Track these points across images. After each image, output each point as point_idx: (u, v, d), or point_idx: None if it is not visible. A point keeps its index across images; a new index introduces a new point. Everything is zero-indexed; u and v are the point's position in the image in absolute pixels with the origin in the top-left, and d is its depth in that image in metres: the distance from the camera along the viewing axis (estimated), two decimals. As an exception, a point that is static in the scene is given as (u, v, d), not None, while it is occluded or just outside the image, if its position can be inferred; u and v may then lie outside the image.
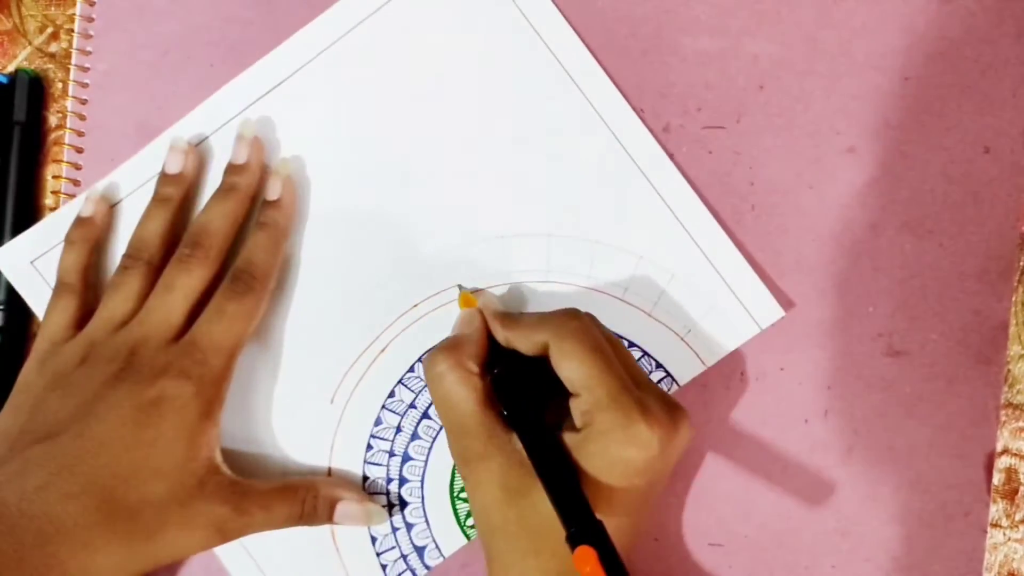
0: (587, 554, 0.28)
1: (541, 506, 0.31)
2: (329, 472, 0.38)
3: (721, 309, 0.37)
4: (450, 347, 0.34)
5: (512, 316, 0.35)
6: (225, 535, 0.35)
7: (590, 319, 0.34)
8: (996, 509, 0.37)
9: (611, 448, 0.31)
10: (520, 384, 0.34)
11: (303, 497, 0.36)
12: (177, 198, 0.38)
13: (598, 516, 0.30)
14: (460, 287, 0.38)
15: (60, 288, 0.38)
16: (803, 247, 0.38)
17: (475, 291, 0.38)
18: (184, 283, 0.36)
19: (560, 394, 0.33)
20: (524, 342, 0.34)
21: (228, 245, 0.37)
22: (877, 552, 0.37)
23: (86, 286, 0.38)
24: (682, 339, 0.37)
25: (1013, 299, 0.37)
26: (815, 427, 0.38)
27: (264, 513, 0.35)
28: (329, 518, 0.36)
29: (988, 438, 0.37)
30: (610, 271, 0.38)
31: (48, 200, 0.41)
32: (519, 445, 0.32)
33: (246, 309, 0.36)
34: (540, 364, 0.33)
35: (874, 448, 0.37)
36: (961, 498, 0.37)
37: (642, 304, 0.38)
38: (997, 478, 0.37)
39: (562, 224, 0.38)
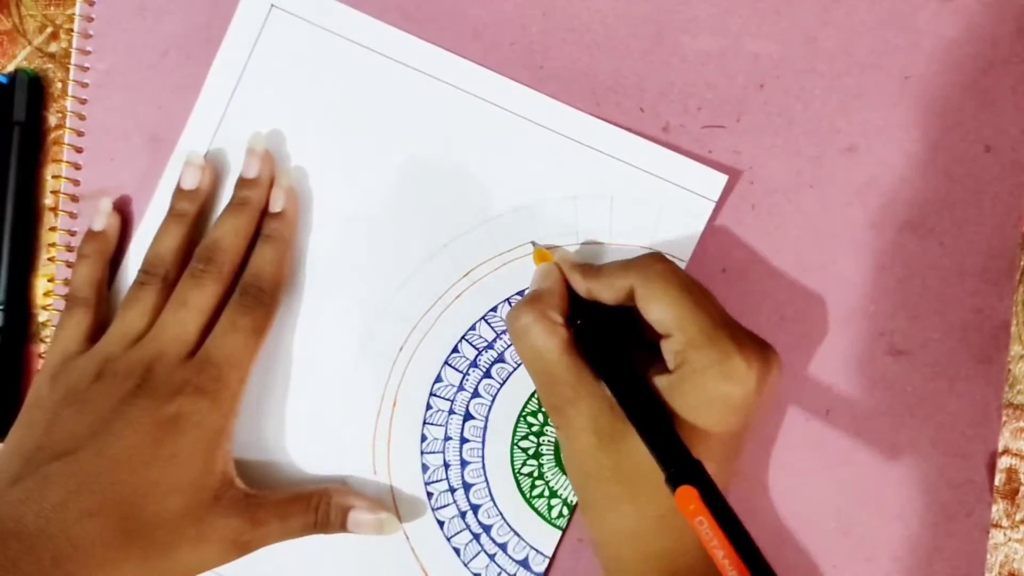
0: (689, 493, 0.28)
1: (636, 452, 0.31)
2: (389, 463, 0.38)
3: (669, 203, 0.38)
4: (532, 300, 0.34)
5: (593, 266, 0.35)
6: (240, 548, 0.35)
7: (673, 263, 0.34)
8: (997, 509, 0.37)
9: (708, 385, 0.31)
10: (604, 333, 0.33)
11: (316, 504, 0.36)
12: (192, 213, 0.38)
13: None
14: (534, 244, 0.38)
15: (73, 302, 0.38)
16: (803, 247, 0.38)
17: (550, 247, 0.38)
18: (198, 299, 0.36)
19: (644, 342, 0.33)
20: (607, 290, 0.33)
21: (240, 259, 0.38)
22: (878, 552, 0.37)
23: (99, 300, 0.38)
24: (650, 250, 0.37)
25: (1014, 298, 0.37)
26: (816, 427, 0.37)
27: (280, 523, 0.35)
28: (342, 526, 0.36)
29: (989, 438, 0.37)
30: (555, 222, 0.38)
31: (48, 200, 0.41)
32: (609, 392, 0.32)
33: (257, 322, 0.36)
34: (621, 314, 0.33)
35: (875, 448, 0.37)
36: (963, 498, 0.37)
37: (598, 237, 0.38)
38: (998, 478, 0.37)
39: (494, 205, 0.38)
